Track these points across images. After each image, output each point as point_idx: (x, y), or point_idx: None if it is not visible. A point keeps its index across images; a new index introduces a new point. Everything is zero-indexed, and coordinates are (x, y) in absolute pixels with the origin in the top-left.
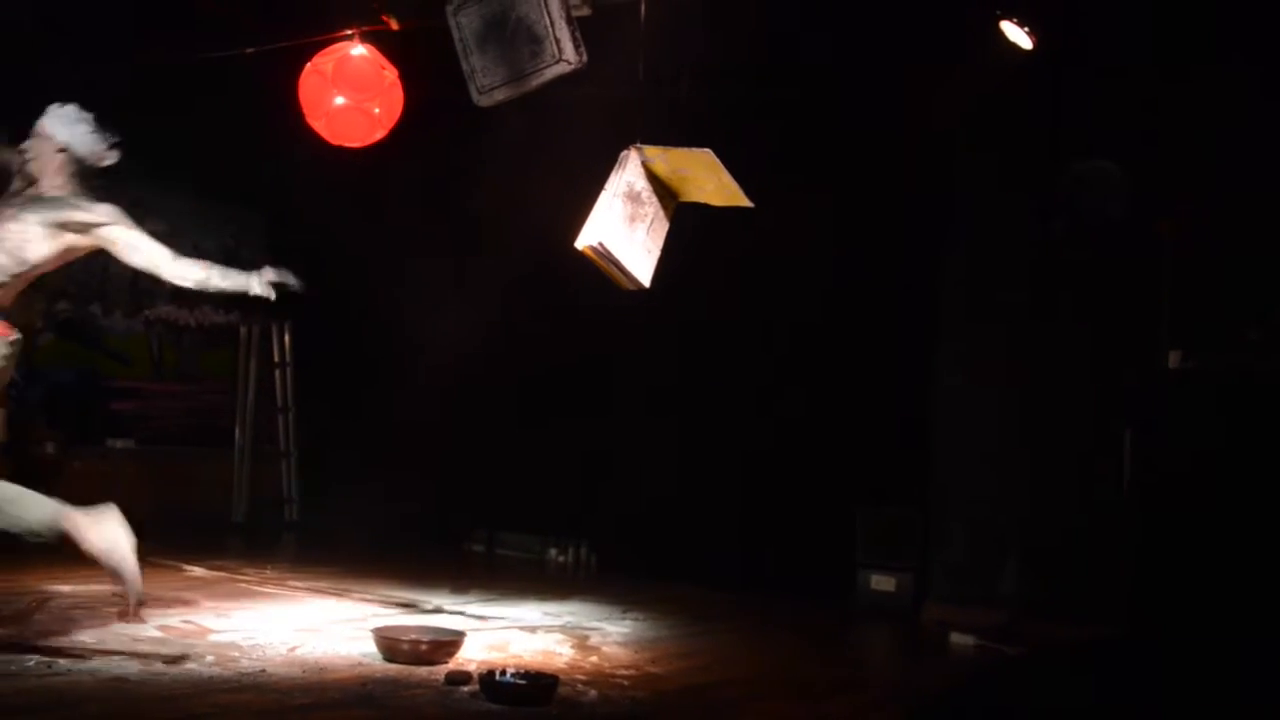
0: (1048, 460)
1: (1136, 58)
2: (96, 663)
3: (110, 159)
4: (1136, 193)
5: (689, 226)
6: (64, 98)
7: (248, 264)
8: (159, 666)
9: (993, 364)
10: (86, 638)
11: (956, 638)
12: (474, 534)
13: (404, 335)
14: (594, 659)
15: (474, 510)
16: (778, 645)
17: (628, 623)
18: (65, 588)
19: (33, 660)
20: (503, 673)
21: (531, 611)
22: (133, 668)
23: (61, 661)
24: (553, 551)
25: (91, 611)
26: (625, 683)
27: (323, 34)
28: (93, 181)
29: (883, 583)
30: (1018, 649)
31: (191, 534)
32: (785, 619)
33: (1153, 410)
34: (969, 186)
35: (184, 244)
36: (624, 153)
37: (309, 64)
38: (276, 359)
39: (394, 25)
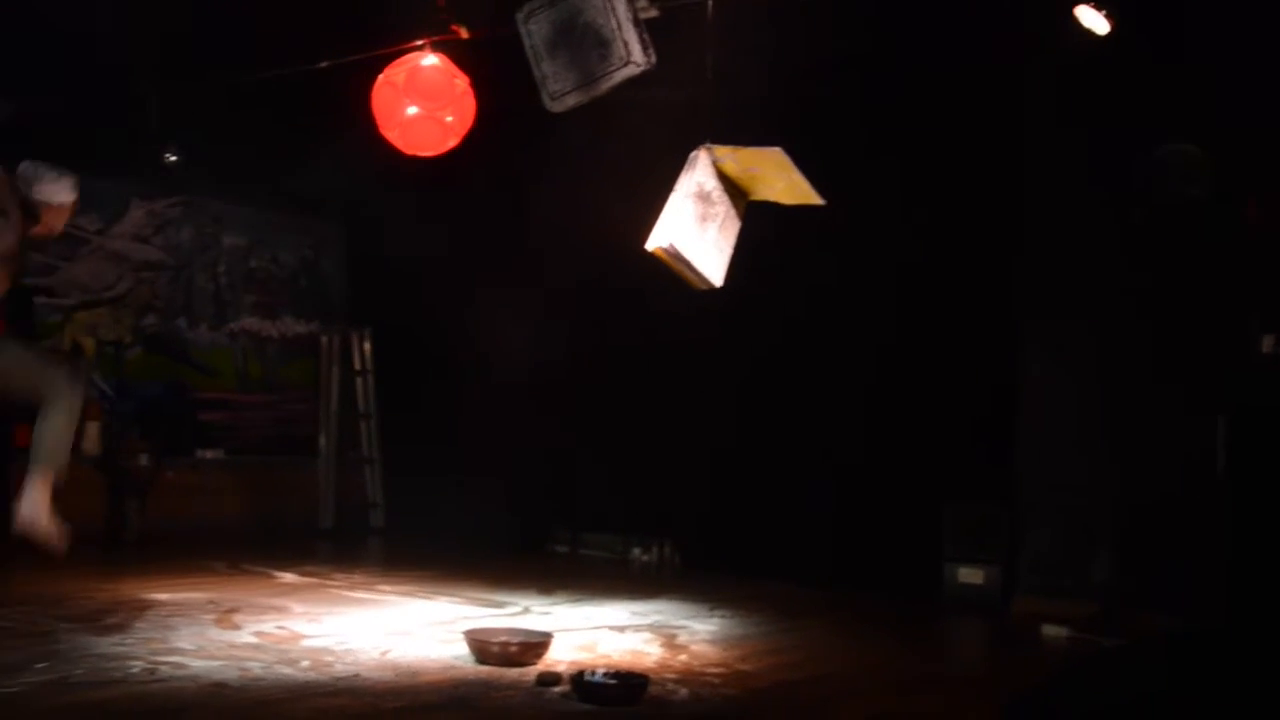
0: (1138, 448)
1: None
2: (197, 669)
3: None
4: (1220, 175)
5: (767, 227)
6: (148, 118)
7: (327, 275)
8: (256, 672)
9: (1078, 353)
10: (185, 644)
11: (1049, 629)
12: (557, 535)
13: (481, 339)
14: (683, 657)
15: (556, 512)
16: (868, 641)
17: (715, 621)
18: (164, 596)
19: (137, 667)
20: (593, 673)
21: (618, 611)
22: (231, 673)
23: (163, 668)
24: (636, 551)
25: (190, 619)
26: (716, 681)
27: (394, 45)
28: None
29: (971, 576)
30: (1113, 640)
31: (281, 541)
32: (874, 614)
33: (1246, 396)
34: (1049, 174)
35: (264, 256)
36: (694, 153)
37: (381, 75)
38: (357, 367)
39: (464, 34)
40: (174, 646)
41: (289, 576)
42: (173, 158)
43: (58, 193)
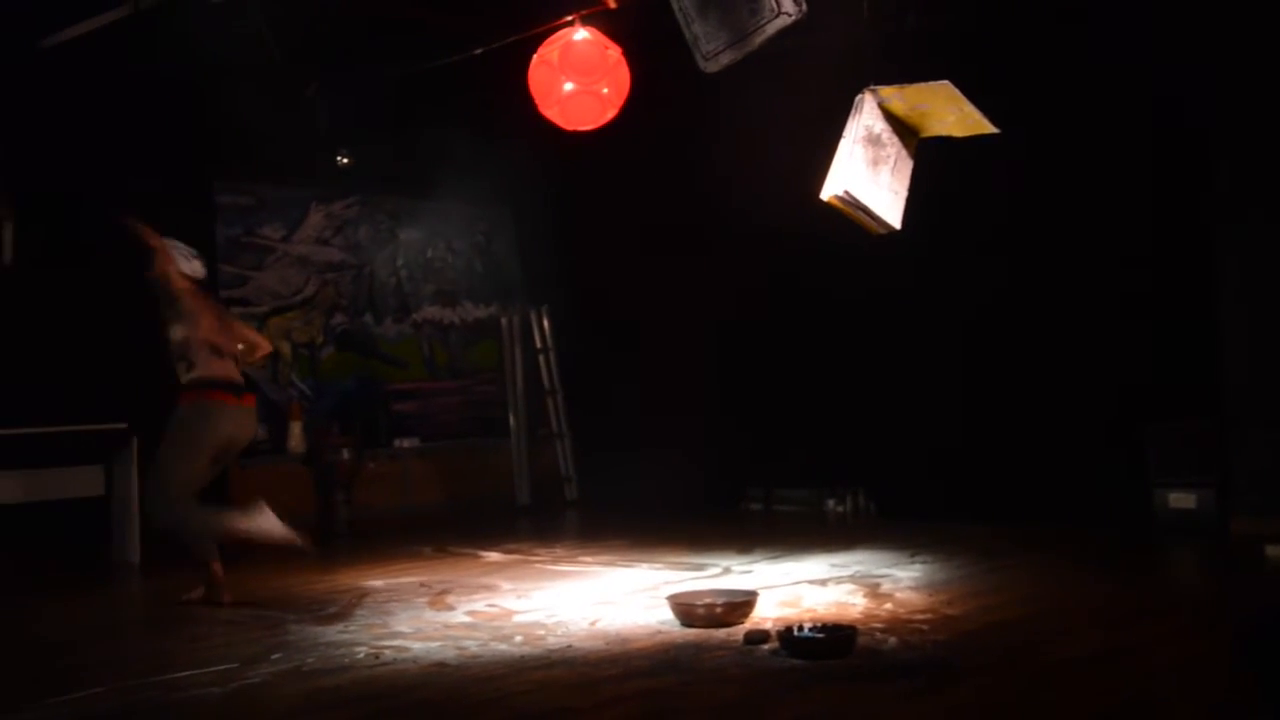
0: None
1: None
2: (417, 651)
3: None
4: None
5: (939, 163)
6: (318, 122)
7: (501, 258)
8: (473, 650)
9: None
10: (404, 628)
11: (1273, 550)
12: (750, 493)
13: (659, 304)
14: (888, 606)
15: (748, 469)
16: (1077, 577)
17: (917, 567)
18: (378, 583)
19: (362, 652)
20: (800, 628)
21: (818, 564)
22: (450, 653)
23: (387, 652)
24: (830, 502)
25: (405, 603)
26: (924, 627)
27: (544, 24)
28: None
29: (1182, 500)
30: None
31: (481, 521)
32: (1080, 549)
33: None
34: (1243, 67)
35: (439, 245)
36: (859, 96)
37: (536, 55)
38: (538, 344)
39: (612, 4)
40: (393, 630)
41: (494, 555)
42: (344, 159)
43: (196, 271)
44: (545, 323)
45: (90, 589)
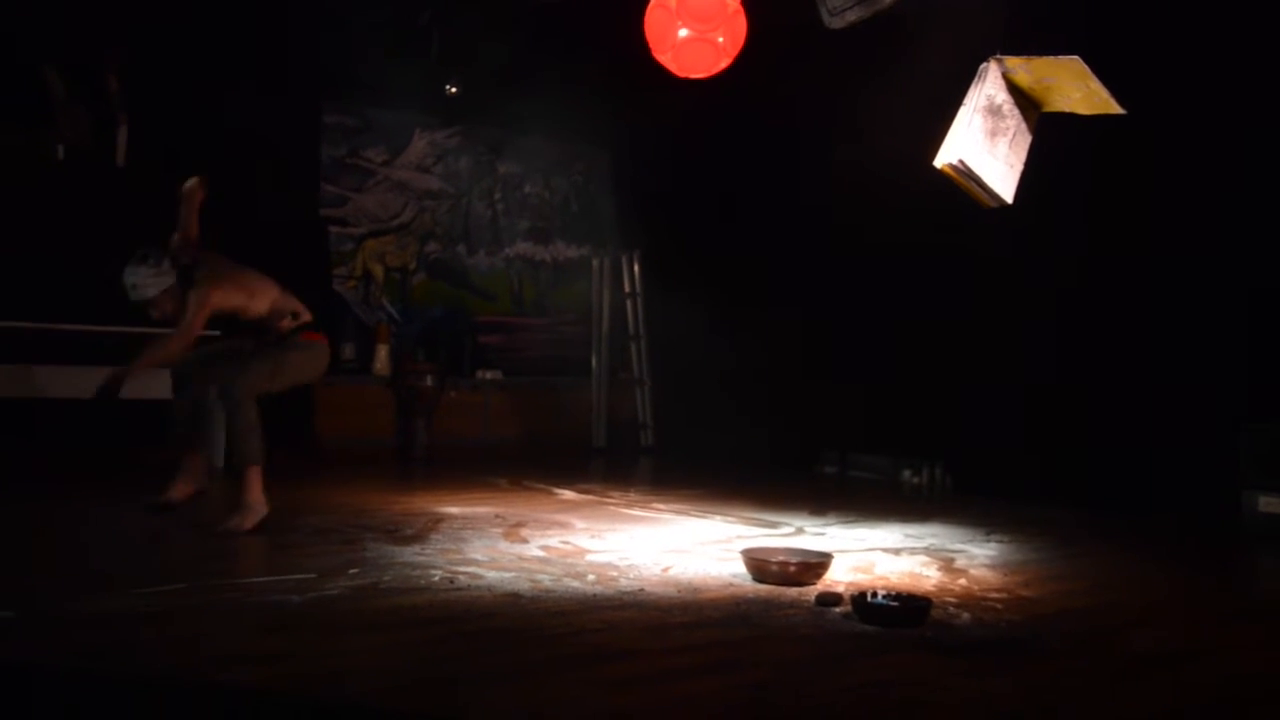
0: None
1: None
2: (491, 579)
3: None
4: None
5: (1055, 138)
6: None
7: (597, 200)
8: (546, 584)
9: None
10: (478, 556)
11: None
12: (825, 456)
13: (750, 259)
14: (962, 581)
15: (824, 433)
16: (1158, 570)
17: (992, 545)
18: (454, 510)
19: (437, 575)
20: (874, 594)
21: (892, 533)
22: (524, 584)
23: (461, 577)
24: (906, 473)
25: (479, 532)
26: (998, 606)
27: None
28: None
29: (1273, 504)
30: None
31: (556, 459)
32: (1163, 543)
33: None
34: None
35: (537, 182)
36: (983, 65)
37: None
38: (627, 289)
39: None
40: (468, 557)
41: (568, 493)
42: (452, 89)
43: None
44: (636, 268)
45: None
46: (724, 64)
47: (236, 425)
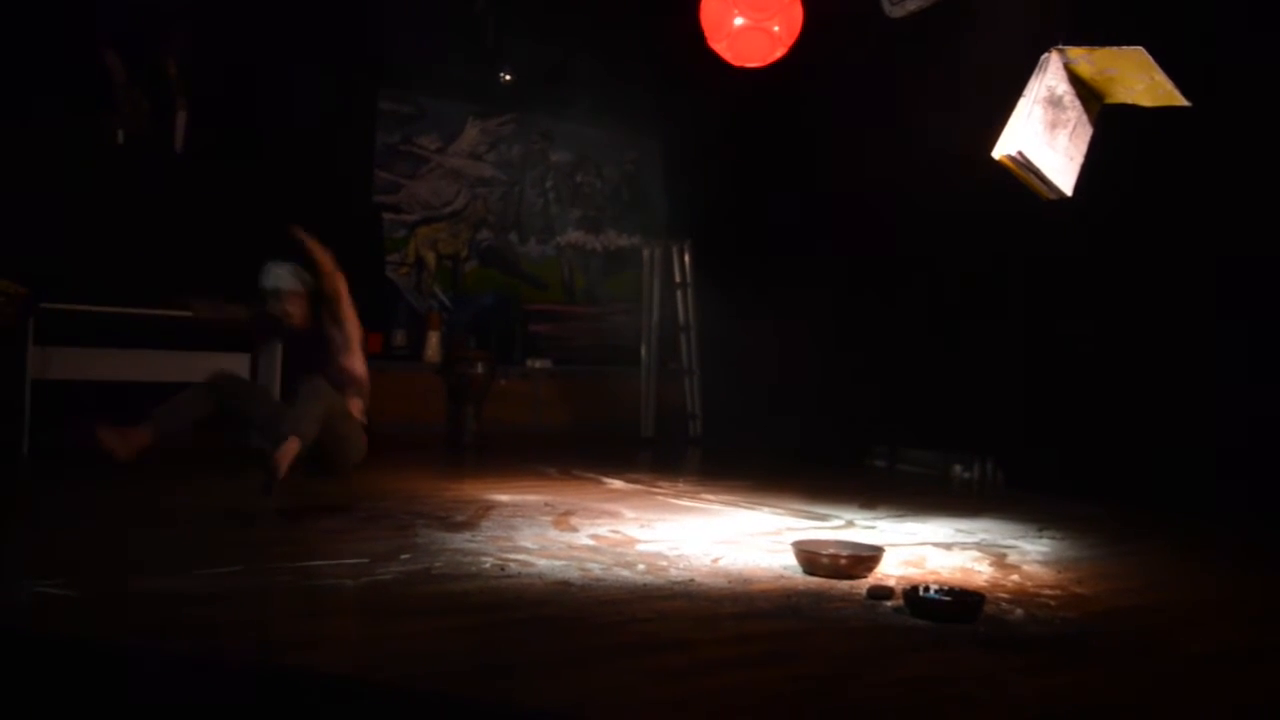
0: None
1: None
2: (542, 567)
3: None
4: None
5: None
6: (484, 39)
7: (648, 189)
8: (596, 573)
9: None
10: (529, 544)
11: None
12: (875, 450)
13: (800, 251)
14: (1015, 577)
15: (875, 426)
16: (1216, 570)
17: (1045, 542)
18: (504, 498)
19: (488, 562)
20: (926, 589)
21: (943, 528)
22: (573, 573)
23: (512, 565)
24: (957, 468)
25: (529, 520)
26: (1052, 603)
27: None
28: None
29: None
30: None
31: (605, 448)
32: (1220, 544)
33: None
34: None
35: (589, 171)
36: (1045, 55)
37: None
38: (677, 279)
39: None
40: (519, 545)
41: (617, 483)
42: (506, 76)
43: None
44: (686, 258)
45: (229, 473)
46: (779, 53)
47: (302, 403)
